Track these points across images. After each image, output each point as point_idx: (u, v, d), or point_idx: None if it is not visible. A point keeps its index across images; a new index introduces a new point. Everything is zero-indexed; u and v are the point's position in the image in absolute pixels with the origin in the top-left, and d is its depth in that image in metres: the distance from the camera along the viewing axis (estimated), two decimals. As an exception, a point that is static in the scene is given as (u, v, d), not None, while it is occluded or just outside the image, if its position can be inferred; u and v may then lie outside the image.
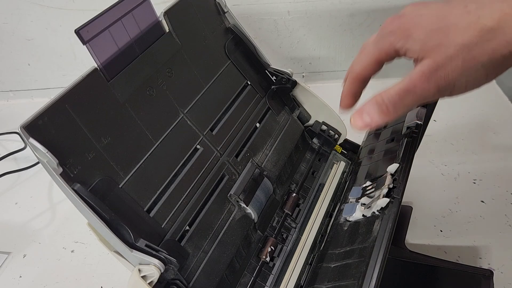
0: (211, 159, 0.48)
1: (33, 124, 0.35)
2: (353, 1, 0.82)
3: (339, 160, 0.60)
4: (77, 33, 0.39)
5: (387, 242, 0.36)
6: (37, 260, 0.64)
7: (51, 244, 0.66)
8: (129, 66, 0.44)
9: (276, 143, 0.56)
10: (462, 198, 0.65)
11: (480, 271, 0.50)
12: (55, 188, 0.74)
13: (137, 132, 0.43)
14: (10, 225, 0.70)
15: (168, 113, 0.47)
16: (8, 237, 0.68)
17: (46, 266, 0.63)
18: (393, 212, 0.38)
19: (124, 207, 0.39)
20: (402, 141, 0.46)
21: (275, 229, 0.51)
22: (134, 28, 0.45)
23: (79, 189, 0.36)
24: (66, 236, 0.67)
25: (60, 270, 0.62)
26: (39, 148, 0.34)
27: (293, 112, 0.60)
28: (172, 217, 0.43)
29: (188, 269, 0.42)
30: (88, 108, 0.39)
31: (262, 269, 0.47)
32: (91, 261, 0.63)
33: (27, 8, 0.84)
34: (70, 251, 0.65)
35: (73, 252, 0.64)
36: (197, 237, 0.44)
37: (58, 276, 0.61)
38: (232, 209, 0.48)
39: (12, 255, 0.65)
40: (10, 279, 0.61)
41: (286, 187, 0.55)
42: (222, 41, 0.55)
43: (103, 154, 0.40)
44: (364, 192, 0.45)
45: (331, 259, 0.42)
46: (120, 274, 0.60)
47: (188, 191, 0.45)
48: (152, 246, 0.37)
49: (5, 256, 0.65)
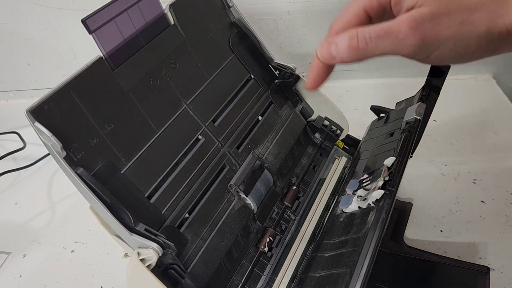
0: (212, 149, 0.49)
1: (38, 108, 0.36)
2: None
3: (341, 155, 0.61)
4: (84, 22, 0.40)
5: (379, 233, 0.36)
6: (37, 260, 0.64)
7: (51, 244, 0.66)
8: (134, 56, 0.45)
9: (278, 136, 0.57)
10: (462, 198, 0.65)
11: (476, 267, 0.51)
12: (55, 187, 0.76)
13: (140, 120, 0.44)
14: (10, 225, 0.70)
15: (171, 103, 0.48)
16: (8, 237, 0.68)
17: (46, 266, 0.63)
18: (387, 204, 0.38)
19: (125, 192, 0.41)
20: (401, 136, 0.46)
21: (274, 221, 0.52)
22: (140, 20, 0.46)
23: (82, 173, 0.37)
24: (66, 236, 0.67)
25: (60, 270, 0.62)
26: (44, 131, 0.35)
27: (295, 106, 0.61)
28: (172, 204, 0.44)
29: (186, 255, 0.43)
30: (93, 95, 0.41)
31: (260, 259, 0.48)
32: (91, 261, 0.63)
33: (27, 8, 0.85)
34: (70, 251, 0.64)
35: (73, 252, 0.64)
36: (196, 224, 0.45)
37: (58, 276, 0.61)
38: (232, 199, 0.49)
39: (12, 255, 0.65)
40: (10, 279, 0.61)
41: (287, 180, 0.56)
42: (227, 34, 0.56)
43: (106, 140, 0.41)
44: (361, 184, 0.46)
45: (326, 249, 0.43)
46: (120, 274, 0.60)
47: (189, 180, 0.46)
48: (151, 230, 0.38)
49: (5, 256, 0.64)
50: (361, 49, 0.30)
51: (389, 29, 0.29)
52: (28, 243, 0.66)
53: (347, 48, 0.30)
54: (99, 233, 0.66)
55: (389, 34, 0.29)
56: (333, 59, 0.31)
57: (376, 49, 0.29)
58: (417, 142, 0.50)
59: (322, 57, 0.32)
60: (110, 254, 0.63)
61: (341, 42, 0.30)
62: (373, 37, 0.29)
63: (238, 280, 0.46)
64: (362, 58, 0.30)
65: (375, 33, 0.29)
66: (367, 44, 0.29)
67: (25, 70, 0.95)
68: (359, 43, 0.30)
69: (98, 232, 0.66)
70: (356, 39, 0.30)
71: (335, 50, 0.31)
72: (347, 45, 0.30)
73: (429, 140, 0.54)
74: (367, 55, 0.30)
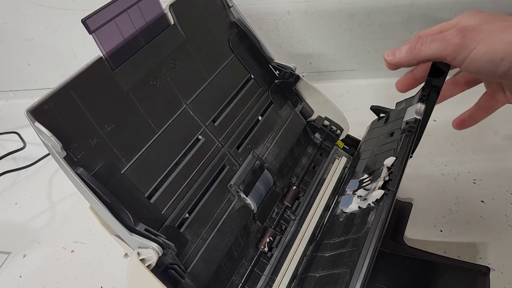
0: (212, 149, 0.50)
1: (38, 108, 0.36)
2: (353, 1, 0.82)
3: (341, 155, 0.61)
4: (84, 22, 0.40)
5: (379, 233, 0.36)
6: (37, 260, 0.64)
7: (51, 244, 0.66)
8: (134, 56, 0.45)
9: (278, 136, 0.57)
10: (462, 198, 0.65)
11: (476, 267, 0.51)
12: (55, 187, 0.76)
13: (140, 120, 0.44)
14: (10, 225, 0.70)
15: (171, 103, 0.48)
16: (8, 237, 0.68)
17: (46, 266, 0.63)
18: (387, 204, 0.38)
19: (125, 193, 0.41)
20: (401, 136, 0.46)
21: (274, 221, 0.52)
22: (140, 20, 0.46)
23: (82, 173, 0.37)
24: (66, 236, 0.67)
25: (60, 270, 0.62)
26: (44, 131, 0.36)
27: (295, 106, 0.61)
28: (172, 204, 0.44)
29: (186, 255, 0.43)
30: (93, 95, 0.41)
31: (260, 259, 0.48)
32: (91, 261, 0.63)
33: (27, 8, 0.85)
34: (70, 251, 0.64)
35: (73, 252, 0.64)
36: (196, 224, 0.45)
37: (58, 276, 0.61)
38: (232, 199, 0.49)
39: (12, 255, 0.65)
40: (10, 279, 0.61)
41: (287, 180, 0.56)
42: (227, 35, 0.56)
43: (106, 140, 0.41)
44: (361, 184, 0.46)
45: (326, 249, 0.43)
46: (120, 274, 0.60)
47: (189, 180, 0.46)
48: (151, 230, 0.38)
49: (5, 256, 0.64)
50: (416, 49, 0.39)
51: (442, 34, 0.38)
52: (28, 243, 0.67)
53: (405, 51, 0.40)
54: (99, 233, 0.66)
55: (440, 37, 0.38)
56: (394, 59, 0.41)
57: (428, 50, 0.38)
58: (417, 142, 0.49)
59: (387, 57, 0.41)
60: (110, 254, 0.63)
61: (404, 47, 0.40)
62: (428, 40, 0.38)
63: (238, 280, 0.46)
64: (416, 58, 0.39)
65: (431, 38, 0.38)
66: (422, 45, 0.38)
67: (25, 70, 0.95)
68: (416, 45, 0.39)
69: (98, 232, 0.66)
70: (415, 43, 0.39)
71: (398, 53, 0.40)
72: (407, 48, 0.39)
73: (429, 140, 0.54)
74: (420, 55, 0.39)
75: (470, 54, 0.36)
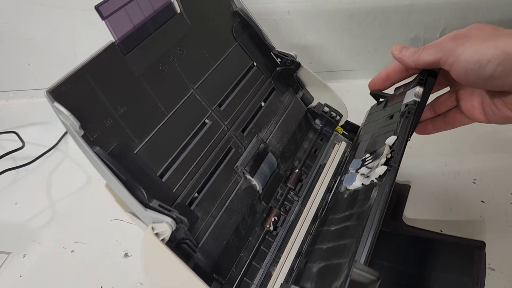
0: (219, 132, 0.51)
1: (57, 89, 0.38)
2: (353, 1, 0.82)
3: (340, 141, 0.63)
4: (97, 9, 0.42)
5: (383, 205, 0.38)
6: (37, 260, 0.64)
7: (51, 244, 0.66)
8: (143, 42, 0.47)
9: (280, 121, 0.59)
10: (462, 198, 0.65)
11: (472, 242, 0.53)
12: (55, 187, 0.76)
13: (151, 103, 0.46)
14: (10, 225, 0.70)
15: (179, 88, 0.50)
16: (8, 237, 0.68)
17: (46, 266, 0.63)
18: (390, 179, 0.40)
19: (138, 171, 0.42)
20: (400, 118, 0.48)
21: (279, 201, 0.54)
22: (148, 8, 0.48)
23: (99, 152, 0.39)
24: (66, 236, 0.67)
25: (60, 270, 0.62)
26: (63, 111, 0.37)
27: (296, 93, 0.63)
28: (183, 183, 0.46)
29: (197, 231, 0.44)
30: (106, 78, 0.42)
31: (266, 237, 0.50)
32: (91, 261, 0.63)
33: (27, 8, 0.85)
34: (70, 251, 0.65)
35: (73, 252, 0.65)
36: (205, 203, 0.47)
37: (58, 276, 0.61)
38: (238, 179, 0.51)
39: (12, 255, 0.65)
40: (10, 279, 0.61)
41: (290, 163, 0.58)
42: (230, 23, 0.58)
43: (119, 121, 0.43)
44: (364, 163, 0.48)
45: (332, 223, 0.45)
46: (120, 274, 0.61)
47: (198, 161, 0.48)
48: (164, 206, 0.40)
49: (5, 256, 0.65)
50: (418, 52, 0.46)
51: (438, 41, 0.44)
52: (28, 243, 0.67)
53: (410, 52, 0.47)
54: (99, 233, 0.67)
55: (436, 44, 0.44)
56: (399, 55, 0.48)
57: (426, 55, 0.45)
58: (415, 125, 0.51)
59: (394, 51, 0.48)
60: (110, 254, 0.63)
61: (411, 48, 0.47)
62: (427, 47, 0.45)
63: (246, 256, 0.48)
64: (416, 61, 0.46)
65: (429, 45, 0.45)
66: (422, 50, 0.45)
67: (25, 70, 0.95)
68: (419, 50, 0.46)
69: (98, 232, 0.67)
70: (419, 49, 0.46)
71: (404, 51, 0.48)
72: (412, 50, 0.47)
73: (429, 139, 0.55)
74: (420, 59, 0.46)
75: (459, 57, 0.41)
